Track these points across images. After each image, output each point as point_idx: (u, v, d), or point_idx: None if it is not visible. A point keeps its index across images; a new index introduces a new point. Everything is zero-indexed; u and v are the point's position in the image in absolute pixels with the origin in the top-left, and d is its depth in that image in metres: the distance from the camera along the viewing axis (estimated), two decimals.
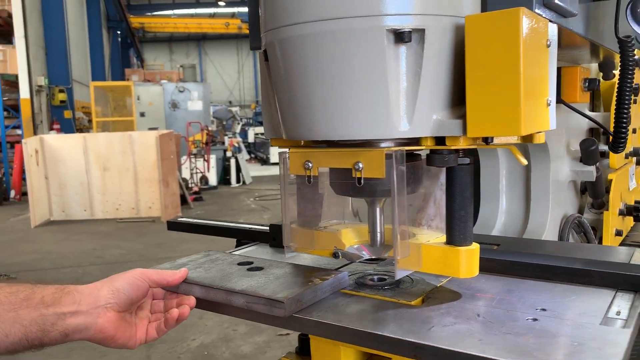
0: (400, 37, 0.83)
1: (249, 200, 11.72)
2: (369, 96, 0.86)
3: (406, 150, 0.89)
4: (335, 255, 1.04)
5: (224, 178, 14.18)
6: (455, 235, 0.94)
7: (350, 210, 1.14)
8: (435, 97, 0.86)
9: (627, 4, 1.14)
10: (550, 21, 0.93)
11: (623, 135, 1.37)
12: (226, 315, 1.00)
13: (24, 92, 12.71)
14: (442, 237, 0.96)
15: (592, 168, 1.83)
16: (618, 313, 0.87)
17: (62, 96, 14.32)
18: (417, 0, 0.83)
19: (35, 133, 12.40)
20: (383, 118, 0.86)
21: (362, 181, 0.89)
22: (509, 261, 1.11)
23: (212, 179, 13.60)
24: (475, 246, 0.95)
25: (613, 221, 1.95)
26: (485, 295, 0.99)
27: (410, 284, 1.04)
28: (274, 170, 15.58)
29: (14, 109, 13.35)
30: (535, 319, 0.87)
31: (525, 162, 0.90)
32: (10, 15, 12.66)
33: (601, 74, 2.06)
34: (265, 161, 18.80)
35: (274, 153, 17.05)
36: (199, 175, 13.10)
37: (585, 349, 0.77)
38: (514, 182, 1.78)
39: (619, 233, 1.99)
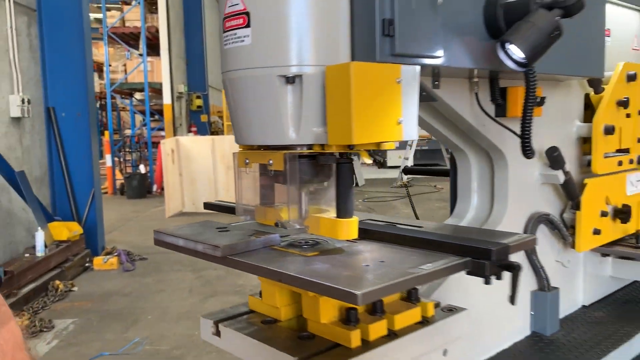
0: (287, 80, 1.30)
1: (358, 201, 12.25)
2: (271, 117, 1.33)
3: (299, 153, 1.35)
4: (276, 224, 1.52)
5: None
6: (339, 211, 1.37)
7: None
8: (314, 118, 1.31)
9: (497, 42, 1.48)
10: (412, 63, 1.34)
11: (527, 144, 1.68)
12: (193, 257, 1.51)
13: (167, 99, 14.41)
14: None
15: (559, 172, 2.10)
16: (427, 266, 1.25)
17: (198, 102, 15.97)
18: (298, 56, 1.29)
19: (174, 135, 13.97)
20: (280, 131, 1.33)
21: (272, 172, 1.37)
22: (399, 235, 1.51)
23: None
24: (354, 218, 1.38)
25: (588, 221, 2.18)
26: (361, 254, 1.42)
27: (321, 246, 1.49)
28: (391, 174, 15.95)
29: (159, 113, 15.15)
30: (367, 265, 1.29)
31: (368, 161, 1.31)
32: (157, 31, 14.41)
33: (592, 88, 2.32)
34: (382, 164, 19.22)
35: (391, 157, 17.41)
36: None
37: (364, 275, 1.20)
38: (483, 183, 2.11)
39: (597, 232, 2.22)
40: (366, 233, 1.56)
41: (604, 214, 2.24)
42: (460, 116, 1.81)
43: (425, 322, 1.51)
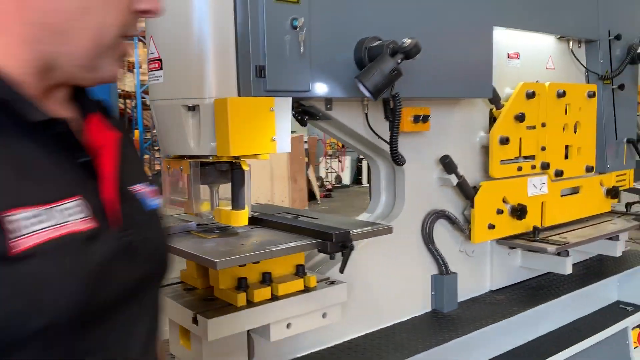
0: (189, 108, 1.78)
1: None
2: (180, 134, 1.82)
3: (201, 161, 1.83)
4: (197, 215, 2.00)
5: (356, 178, 15.33)
6: (233, 204, 1.85)
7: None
8: (209, 135, 1.79)
9: (355, 79, 1.92)
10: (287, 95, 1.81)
11: (395, 154, 2.12)
12: None
13: None
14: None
15: (451, 176, 2.52)
16: (282, 245, 1.72)
17: None
18: (196, 91, 1.77)
19: None
20: (186, 145, 1.82)
21: (184, 177, 1.86)
22: (282, 223, 1.98)
23: (346, 179, 14.80)
24: (245, 210, 1.85)
25: (481, 217, 2.59)
26: (247, 237, 1.90)
27: (226, 232, 1.97)
28: None
29: None
30: (242, 244, 1.76)
31: (246, 167, 1.79)
32: None
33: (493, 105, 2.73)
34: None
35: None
36: (334, 174, 14.37)
37: (233, 250, 1.67)
38: (389, 185, 2.55)
39: (491, 227, 2.63)
40: (262, 222, 2.04)
41: (499, 212, 2.65)
42: (356, 132, 2.26)
43: (307, 290, 1.97)
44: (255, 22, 1.75)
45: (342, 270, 1.86)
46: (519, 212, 2.68)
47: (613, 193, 3.26)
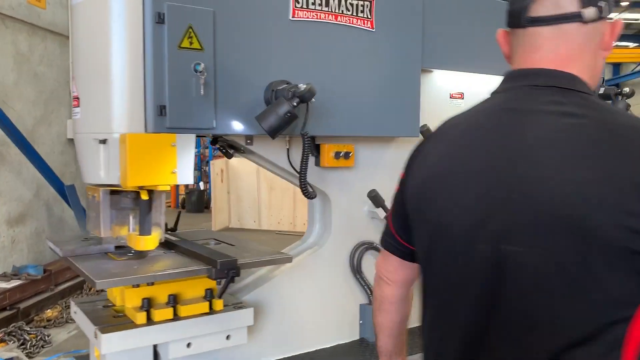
0: (100, 141, 1.98)
1: None
2: (93, 164, 2.02)
3: (111, 189, 2.02)
4: (116, 238, 2.19)
5: None
6: (140, 230, 2.03)
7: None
8: (117, 166, 1.98)
9: (255, 117, 2.07)
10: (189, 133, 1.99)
11: (304, 188, 2.25)
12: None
13: None
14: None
15: (379, 210, 2.63)
16: (170, 270, 1.88)
17: None
18: (106, 127, 1.97)
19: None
20: (99, 173, 2.01)
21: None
22: (187, 249, 2.15)
23: None
24: (153, 235, 2.02)
25: None
26: (151, 260, 2.07)
27: (140, 255, 2.15)
28: None
29: None
30: (138, 268, 1.94)
31: (145, 196, 1.96)
32: None
33: None
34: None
35: None
36: None
37: (126, 272, 1.85)
38: (322, 215, 2.68)
39: None
40: (172, 246, 2.22)
41: None
42: (279, 166, 2.42)
43: (211, 313, 2.12)
44: (160, 66, 1.94)
45: (220, 295, 2.00)
46: None
47: None
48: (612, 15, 1.23)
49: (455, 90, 2.97)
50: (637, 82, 28.67)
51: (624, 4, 21.69)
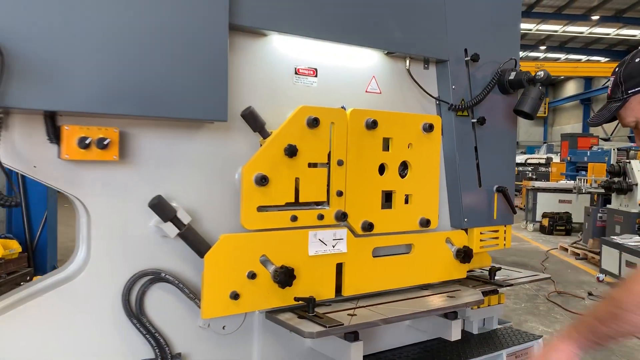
0: None
1: None
2: None
3: None
4: None
5: None
6: None
7: None
8: None
9: None
10: None
11: None
12: None
13: None
14: None
15: (167, 225, 1.84)
16: None
17: None
18: None
19: None
20: None
21: None
22: None
23: None
24: None
25: (218, 283, 1.89)
26: None
27: None
28: None
29: None
30: None
31: None
32: None
33: None
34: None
35: None
36: None
37: None
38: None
39: (235, 295, 1.92)
40: None
41: (251, 276, 1.95)
42: None
43: None
44: None
45: None
46: (280, 276, 1.97)
47: (462, 255, 2.51)
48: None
49: (304, 65, 2.21)
50: None
51: (594, 18, 21.43)
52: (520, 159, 22.81)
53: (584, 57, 27.14)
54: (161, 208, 1.82)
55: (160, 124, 1.87)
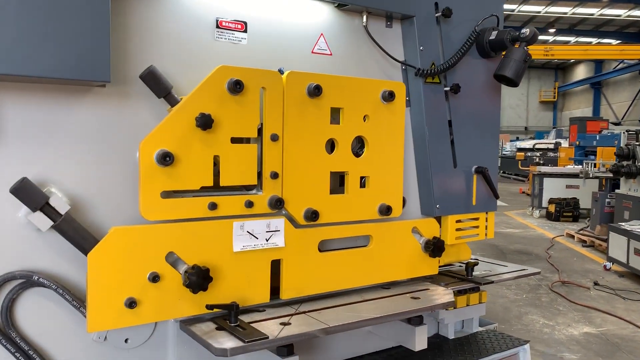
0: None
1: None
2: None
3: None
4: None
5: None
6: None
7: None
8: None
9: None
10: None
11: None
12: None
13: None
14: None
15: (36, 215, 1.45)
16: None
17: None
18: None
19: None
20: None
21: None
22: None
23: None
24: None
25: (107, 288, 1.51)
26: None
27: None
28: None
29: None
30: None
31: None
32: None
33: None
34: None
35: None
36: None
37: None
38: None
39: (132, 303, 1.53)
40: None
41: (154, 279, 1.57)
42: None
43: None
44: None
45: None
46: (192, 279, 1.58)
47: (432, 248, 2.11)
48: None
49: (229, 16, 1.80)
50: (619, 79, 27.83)
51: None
52: (528, 144, 22.24)
53: (594, 40, 26.37)
54: (26, 194, 1.43)
55: (27, 87, 1.47)
